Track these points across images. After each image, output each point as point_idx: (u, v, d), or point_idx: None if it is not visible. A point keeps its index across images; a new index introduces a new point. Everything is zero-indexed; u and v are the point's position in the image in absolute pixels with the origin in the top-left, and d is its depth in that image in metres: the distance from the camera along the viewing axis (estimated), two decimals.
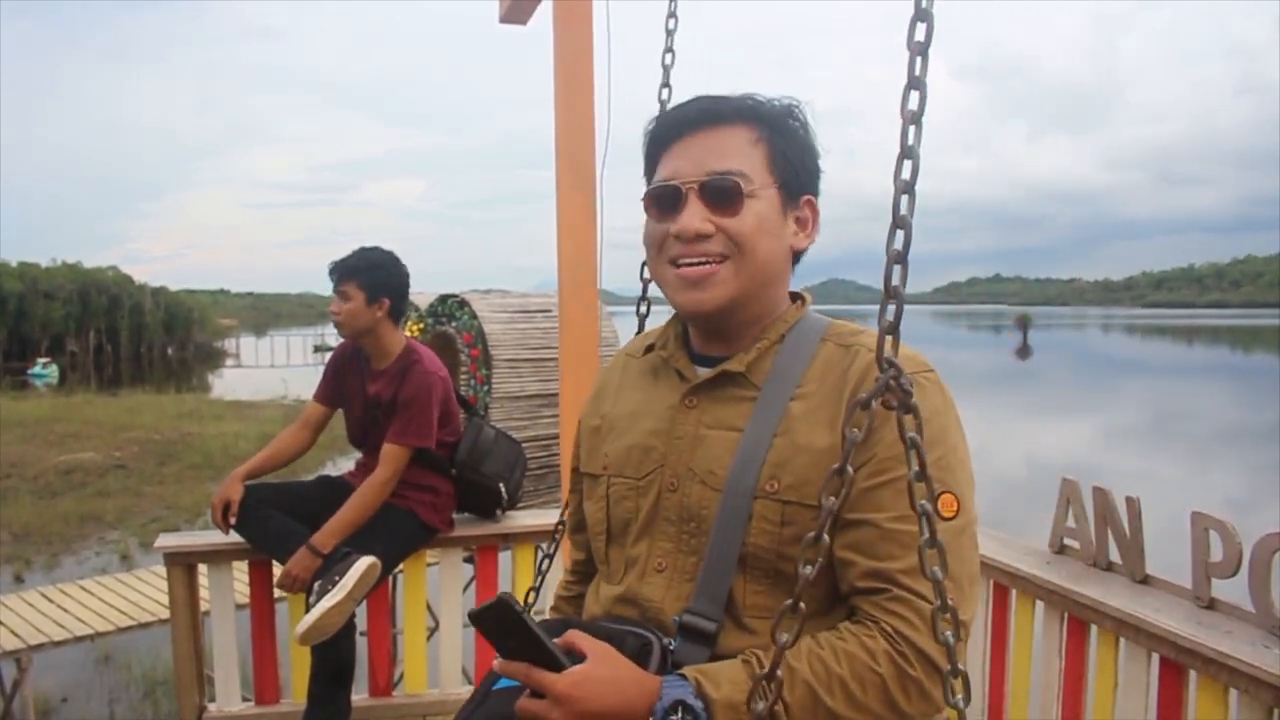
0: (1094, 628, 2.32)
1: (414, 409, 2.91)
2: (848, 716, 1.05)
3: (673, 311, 1.32)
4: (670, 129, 1.23)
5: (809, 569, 0.97)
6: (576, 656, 1.06)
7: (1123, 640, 2.22)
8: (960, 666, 1.02)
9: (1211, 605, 2.13)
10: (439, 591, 3.30)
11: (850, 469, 1.00)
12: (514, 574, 3.33)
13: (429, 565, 3.33)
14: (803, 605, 0.98)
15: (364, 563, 2.73)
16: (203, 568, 3.13)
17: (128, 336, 49.32)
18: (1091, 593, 2.27)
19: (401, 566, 3.17)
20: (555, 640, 1.06)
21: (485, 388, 6.03)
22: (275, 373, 30.27)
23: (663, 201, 1.20)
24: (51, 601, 5.41)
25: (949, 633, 1.00)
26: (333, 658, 2.84)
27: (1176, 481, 13.82)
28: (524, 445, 3.51)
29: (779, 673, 1.02)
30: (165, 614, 4.25)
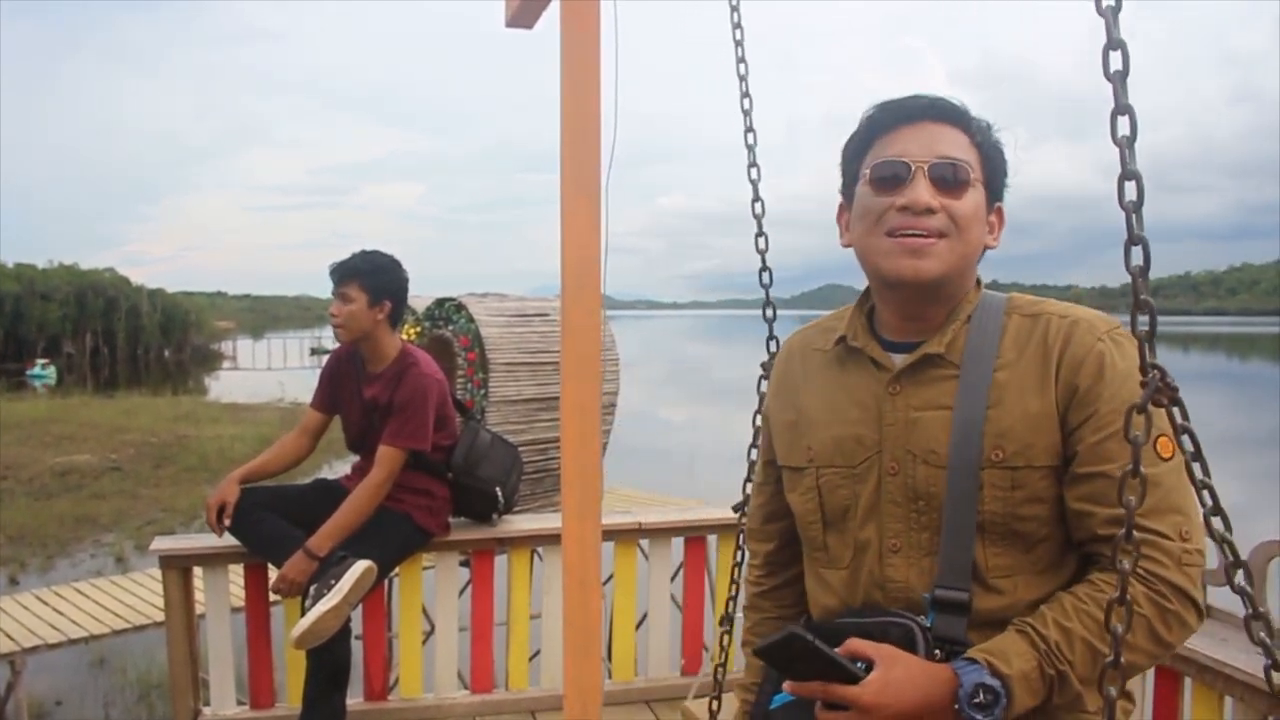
0: None
1: (410, 411, 2.91)
2: (1127, 659, 1.10)
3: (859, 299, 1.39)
4: (896, 115, 1.29)
5: (1126, 563, 1.03)
6: (864, 664, 1.11)
7: None
8: (1242, 557, 1.17)
9: (1207, 613, 2.13)
10: (435, 595, 3.29)
11: (1138, 468, 1.04)
12: (510, 578, 3.32)
13: (425, 569, 3.33)
14: (1127, 597, 1.05)
15: (360, 566, 2.73)
16: (198, 571, 3.13)
17: (124, 338, 49.27)
18: None
19: (397, 570, 3.16)
20: (836, 650, 1.11)
21: (482, 391, 6.03)
22: (272, 375, 30.25)
23: (889, 177, 1.25)
24: (46, 604, 5.40)
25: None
26: (328, 662, 2.83)
27: None
28: (520, 449, 3.51)
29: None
30: (160, 617, 4.25)
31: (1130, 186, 0.97)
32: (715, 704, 2.11)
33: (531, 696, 3.30)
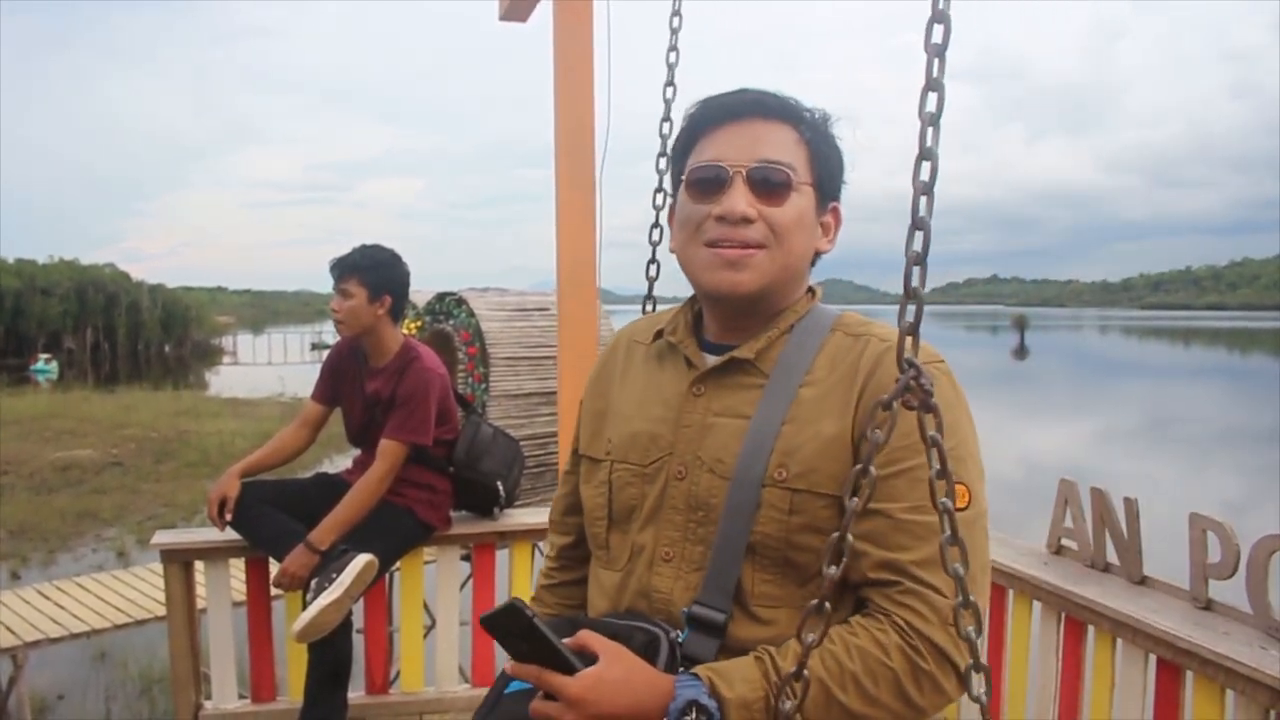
0: (1091, 628, 2.32)
1: (411, 405, 2.91)
2: (861, 711, 1.06)
3: (680, 301, 1.33)
4: (718, 113, 1.23)
5: (834, 569, 0.98)
6: (589, 657, 1.06)
7: (1120, 641, 2.22)
8: (983, 661, 1.02)
9: (1209, 606, 2.13)
10: (436, 590, 3.29)
11: (869, 466, 1.00)
12: (511, 572, 3.32)
13: (426, 563, 3.33)
14: (828, 605, 0.99)
15: (361, 560, 2.73)
16: (199, 565, 3.13)
17: (125, 334, 49.28)
18: (1089, 593, 2.27)
19: (398, 564, 3.16)
20: (566, 640, 1.06)
21: (483, 386, 6.03)
22: (272, 370, 30.26)
23: (707, 183, 1.20)
24: (48, 599, 5.40)
25: (970, 628, 1.01)
26: (329, 655, 2.84)
27: (1174, 483, 13.83)
28: (521, 443, 3.51)
29: (788, 669, 1.03)
30: (162, 611, 4.25)
31: (926, 166, 0.95)
32: None
33: None
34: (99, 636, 5.15)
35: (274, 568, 2.85)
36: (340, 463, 7.20)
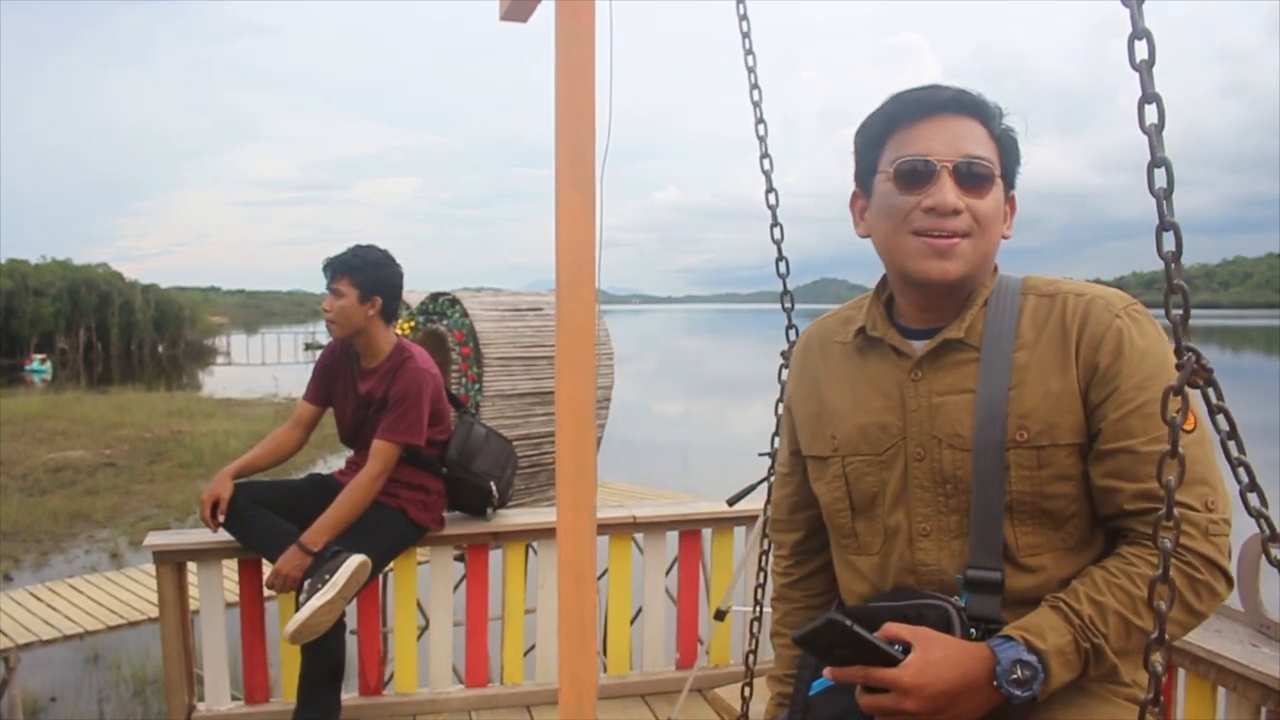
0: None
1: (404, 406, 2.90)
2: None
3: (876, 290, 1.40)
4: (916, 108, 1.28)
5: (1167, 542, 1.01)
6: (902, 646, 1.13)
7: None
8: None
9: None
10: (430, 590, 3.29)
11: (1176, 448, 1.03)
12: (504, 572, 3.32)
13: (419, 564, 3.33)
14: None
15: (354, 561, 2.73)
16: (192, 566, 3.12)
17: (118, 334, 49.15)
18: None
19: (392, 565, 3.16)
20: (874, 634, 1.13)
21: (476, 386, 6.02)
22: (266, 370, 30.20)
23: (915, 175, 1.25)
24: (40, 600, 5.38)
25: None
26: (323, 657, 2.83)
27: None
28: (515, 444, 3.51)
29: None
30: (155, 613, 4.24)
31: (1160, 173, 0.98)
32: (747, 690, 2.13)
33: (526, 690, 3.31)
34: (92, 638, 5.14)
35: (267, 569, 2.85)
36: (333, 464, 7.19)
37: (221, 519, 2.86)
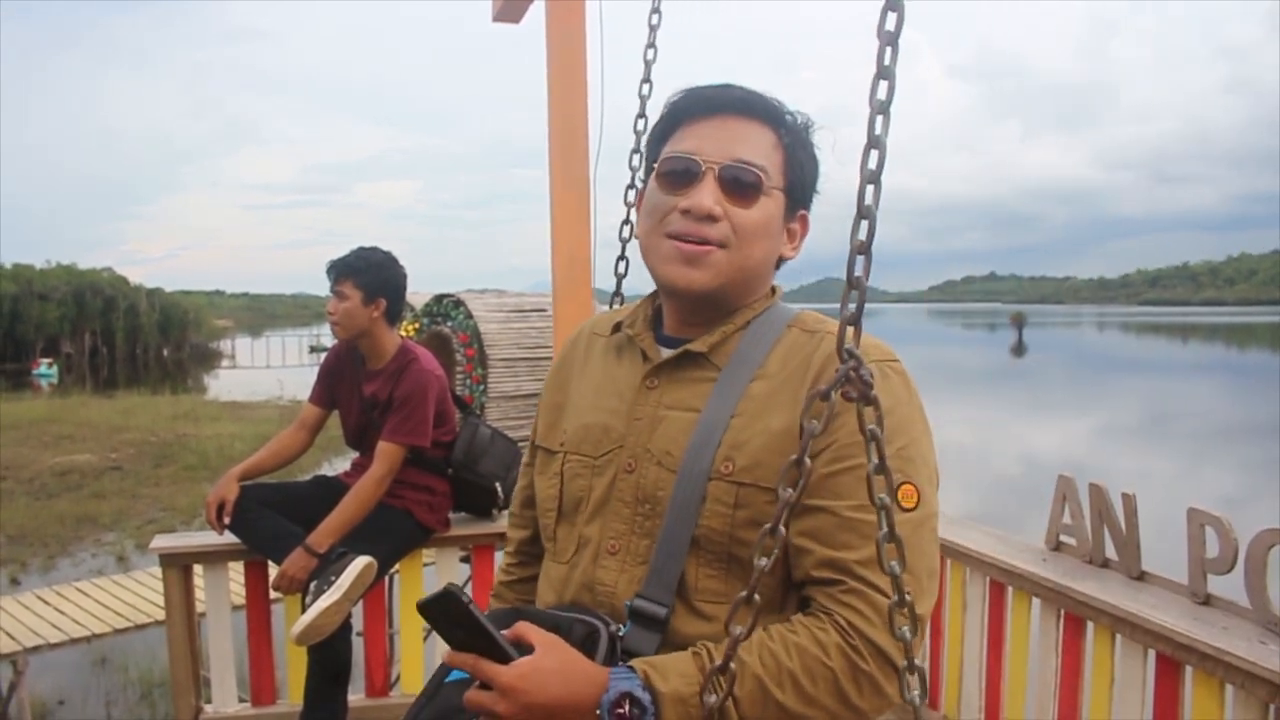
0: (1090, 625, 2.32)
1: (409, 407, 2.91)
2: (799, 710, 1.04)
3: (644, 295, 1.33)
4: (699, 105, 1.22)
5: (765, 561, 0.97)
6: (525, 648, 1.05)
7: (1119, 637, 2.22)
8: (917, 662, 1.01)
9: (1207, 601, 2.13)
10: None
11: (808, 458, 0.99)
12: None
13: (425, 565, 3.33)
14: (758, 597, 0.98)
15: (360, 563, 2.73)
16: (198, 569, 3.13)
17: (123, 338, 49.24)
18: (1088, 590, 2.28)
19: (398, 566, 3.16)
20: (504, 631, 1.06)
21: (481, 387, 6.02)
22: (271, 373, 30.22)
23: (678, 175, 1.18)
24: (47, 604, 5.39)
25: (905, 628, 1.00)
26: (329, 658, 2.83)
27: (1172, 478, 13.84)
28: (520, 444, 3.51)
29: (717, 664, 1.02)
30: (161, 615, 4.25)
31: (874, 155, 0.95)
32: None
33: None
34: (99, 641, 5.14)
35: (273, 571, 2.85)
36: (339, 466, 7.20)
37: (227, 521, 2.86)
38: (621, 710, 1.01)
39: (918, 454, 1.12)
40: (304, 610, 2.70)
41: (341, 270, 2.93)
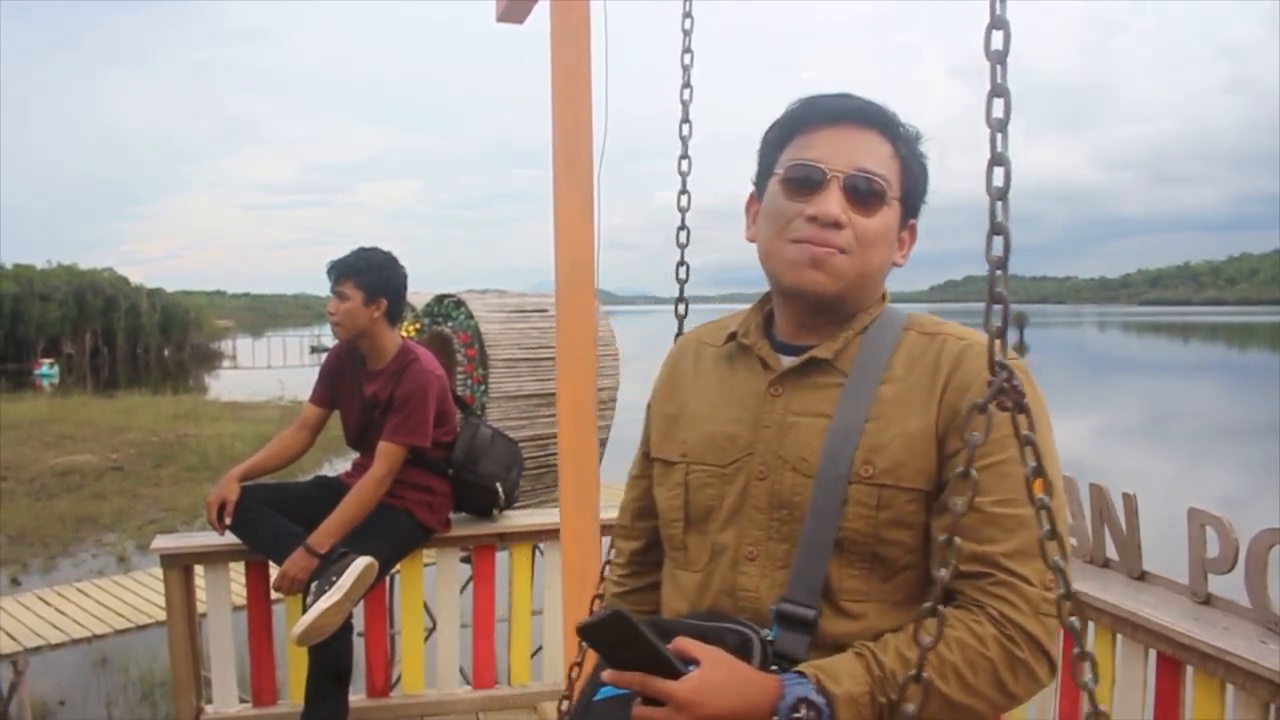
0: (1091, 624, 2.32)
1: (410, 407, 2.91)
2: (961, 700, 1.07)
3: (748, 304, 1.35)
4: (820, 114, 1.24)
5: (944, 572, 0.98)
6: (689, 661, 1.07)
7: (1120, 637, 2.22)
8: (1088, 649, 1.04)
9: (1208, 601, 2.13)
10: (436, 592, 3.29)
11: (970, 469, 0.99)
12: (511, 574, 3.32)
13: (426, 565, 3.33)
14: (942, 609, 0.99)
15: (361, 563, 2.73)
16: (199, 569, 3.13)
17: (124, 338, 49.27)
18: (1089, 589, 2.28)
19: (398, 567, 3.16)
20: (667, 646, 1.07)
21: (482, 387, 6.02)
22: (272, 374, 30.25)
23: (803, 182, 1.21)
24: (48, 604, 5.41)
25: (1074, 619, 1.02)
26: (330, 658, 2.83)
27: (1173, 478, 13.84)
28: (521, 445, 3.51)
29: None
30: (162, 616, 4.26)
31: (999, 172, 0.94)
32: (564, 703, 2.03)
33: (534, 691, 3.31)
34: (100, 641, 5.16)
35: (274, 571, 2.85)
36: (339, 466, 7.20)
37: (228, 522, 2.86)
38: (799, 715, 1.03)
39: (1047, 449, 1.12)
40: (305, 610, 2.70)
41: (342, 271, 2.93)
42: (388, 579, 3.38)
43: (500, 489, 3.19)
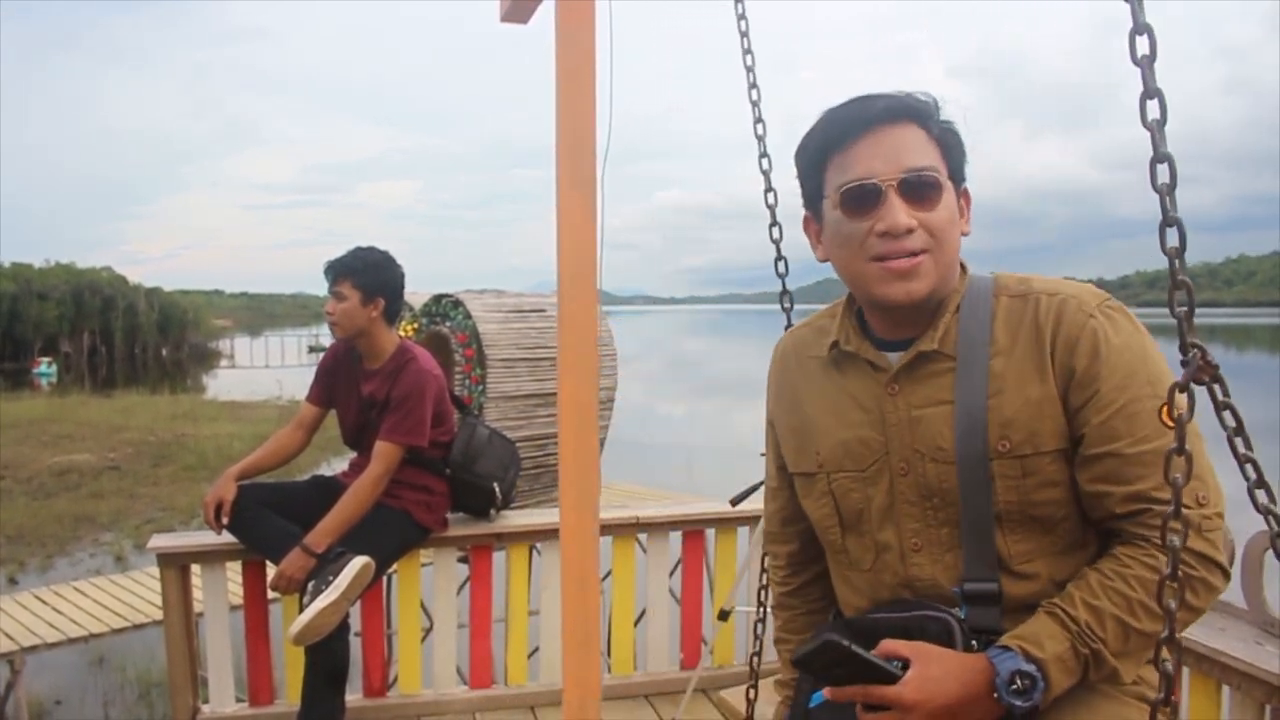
0: None
1: (407, 407, 2.91)
2: (1154, 629, 1.11)
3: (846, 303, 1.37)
4: (850, 126, 1.24)
5: (1175, 540, 1.00)
6: (901, 662, 1.12)
7: None
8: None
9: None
10: (433, 592, 3.29)
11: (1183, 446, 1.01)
12: (509, 574, 3.32)
13: (423, 565, 3.33)
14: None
15: (358, 563, 2.73)
16: (196, 568, 3.13)
17: (122, 337, 49.25)
18: None
19: (395, 567, 3.16)
20: (871, 652, 1.12)
21: (480, 387, 6.02)
22: (270, 373, 30.21)
23: (861, 199, 1.22)
24: (45, 603, 5.39)
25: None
26: (327, 658, 2.83)
27: None
28: (518, 445, 3.51)
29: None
30: (159, 615, 4.25)
31: (1163, 169, 0.97)
32: (753, 693, 2.13)
33: (531, 691, 3.31)
34: (96, 641, 5.14)
35: (271, 571, 2.85)
36: (337, 465, 7.20)
37: (225, 521, 2.86)
38: (1015, 686, 1.09)
39: (1161, 373, 1.18)
40: (302, 610, 2.69)
41: (339, 271, 2.93)
42: (385, 579, 3.38)
43: (498, 489, 3.19)
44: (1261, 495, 1.03)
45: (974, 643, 1.17)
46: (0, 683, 4.89)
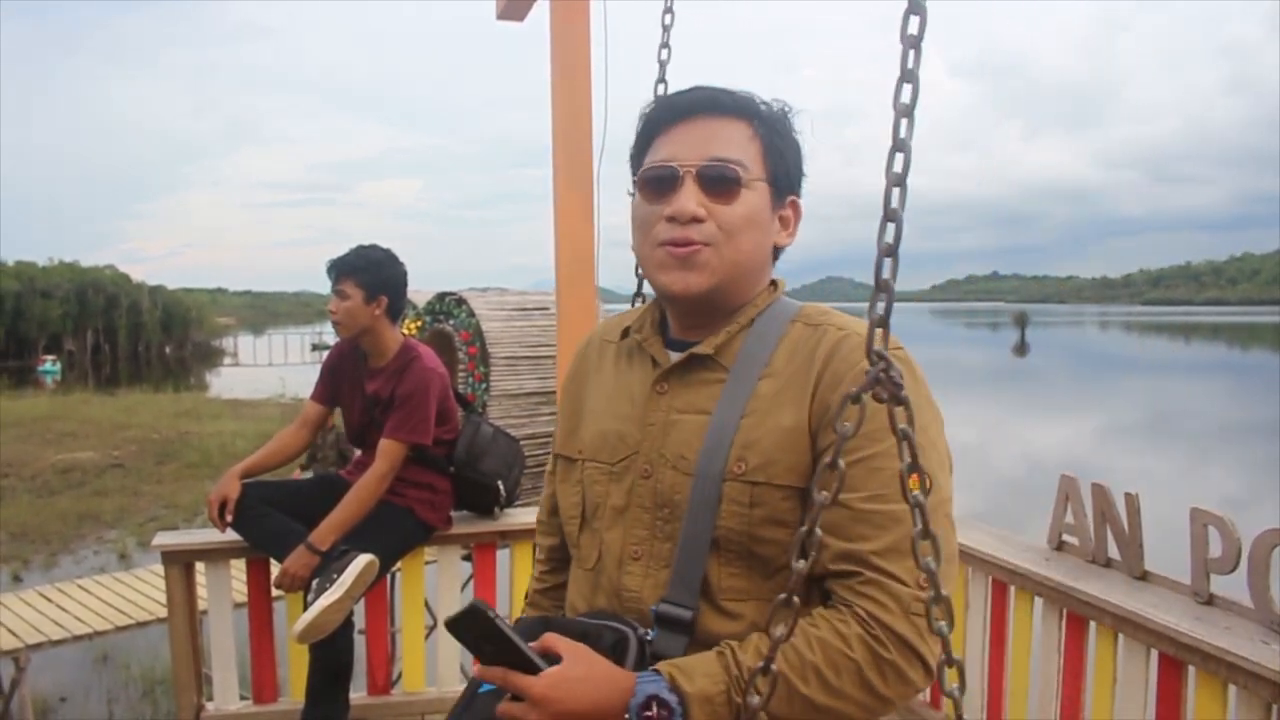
0: (1093, 624, 2.32)
1: (411, 404, 2.91)
2: (825, 703, 1.05)
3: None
4: (670, 112, 1.22)
5: (801, 564, 0.96)
6: (553, 658, 1.06)
7: (1121, 637, 2.22)
8: (956, 656, 1.01)
9: (1210, 601, 2.13)
10: (437, 590, 3.29)
11: (837, 459, 0.98)
12: (512, 571, 3.32)
13: (427, 563, 3.33)
14: (796, 600, 0.98)
15: (362, 560, 2.73)
16: (200, 566, 3.13)
17: (125, 335, 49.33)
18: (1090, 589, 2.27)
19: (399, 564, 3.16)
20: (531, 643, 1.07)
21: (483, 385, 6.03)
22: (273, 371, 30.25)
23: (658, 183, 1.19)
24: (50, 601, 5.40)
25: (943, 623, 0.99)
26: (331, 656, 2.84)
27: (1175, 478, 13.83)
28: (522, 443, 3.51)
29: (749, 662, 1.04)
30: (163, 613, 4.26)
31: (899, 158, 0.93)
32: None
33: None
34: (101, 638, 5.16)
35: (275, 568, 2.85)
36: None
37: (229, 519, 2.86)
38: (649, 713, 1.03)
39: (928, 441, 1.10)
40: (306, 608, 2.70)
41: (342, 269, 2.93)
42: (389, 577, 3.38)
43: (502, 487, 3.19)
44: (926, 546, 0.96)
45: (650, 664, 1.10)
46: (5, 680, 4.90)
